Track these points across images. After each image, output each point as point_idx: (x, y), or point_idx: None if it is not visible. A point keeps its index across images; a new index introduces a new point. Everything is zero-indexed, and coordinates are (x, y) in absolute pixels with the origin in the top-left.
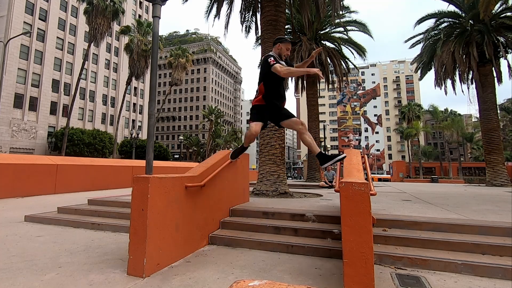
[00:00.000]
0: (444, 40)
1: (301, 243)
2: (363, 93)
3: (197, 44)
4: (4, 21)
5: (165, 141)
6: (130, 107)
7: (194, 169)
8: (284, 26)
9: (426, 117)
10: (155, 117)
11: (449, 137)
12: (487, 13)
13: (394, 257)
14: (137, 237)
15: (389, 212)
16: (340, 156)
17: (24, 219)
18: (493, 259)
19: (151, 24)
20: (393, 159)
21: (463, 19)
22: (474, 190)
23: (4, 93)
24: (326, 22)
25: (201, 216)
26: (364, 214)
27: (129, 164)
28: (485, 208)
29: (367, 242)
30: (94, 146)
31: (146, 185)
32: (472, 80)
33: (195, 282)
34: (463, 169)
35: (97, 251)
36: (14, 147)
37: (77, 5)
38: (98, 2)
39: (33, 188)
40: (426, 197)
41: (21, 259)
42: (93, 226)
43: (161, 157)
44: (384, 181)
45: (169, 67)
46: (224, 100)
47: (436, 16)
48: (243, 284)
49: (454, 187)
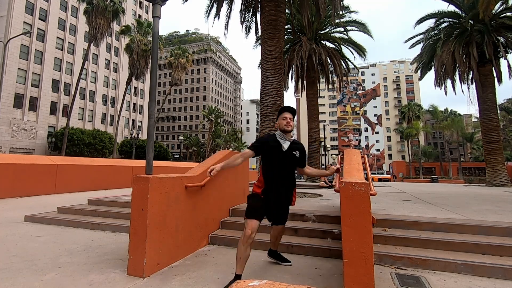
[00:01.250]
0: (444, 40)
1: (301, 243)
2: (363, 93)
3: (197, 44)
4: (4, 21)
5: (165, 141)
6: (130, 107)
7: (194, 169)
8: (284, 26)
9: (426, 117)
10: (155, 117)
11: (449, 137)
12: (487, 13)
13: (394, 257)
14: (137, 237)
15: (389, 212)
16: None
17: (24, 219)
18: (493, 259)
19: (151, 24)
20: (393, 159)
21: (463, 19)
22: (474, 190)
23: (4, 93)
24: (326, 22)
25: (201, 216)
26: (364, 214)
27: (129, 164)
28: (485, 208)
29: (367, 242)
30: (94, 146)
31: (146, 185)
32: (472, 80)
33: (195, 282)
34: (463, 169)
35: (97, 251)
36: (14, 147)
37: (77, 5)
38: (98, 2)
39: (33, 188)
40: (426, 197)
41: (21, 259)
42: (93, 226)
43: (161, 157)
44: (384, 181)
45: (169, 67)
46: (224, 100)
47: (436, 16)
48: (243, 284)
49: (454, 187)
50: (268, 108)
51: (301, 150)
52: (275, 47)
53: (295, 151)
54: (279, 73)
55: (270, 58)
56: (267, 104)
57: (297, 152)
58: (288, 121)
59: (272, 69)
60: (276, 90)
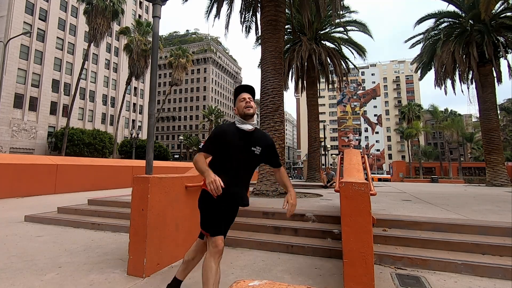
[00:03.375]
0: (444, 40)
1: (301, 243)
2: (363, 93)
3: (197, 44)
4: (4, 21)
5: (165, 141)
6: (130, 107)
7: (194, 169)
8: (284, 26)
9: (426, 117)
10: (155, 117)
11: (449, 137)
12: (488, 13)
13: (394, 257)
14: (137, 237)
15: (389, 212)
16: None
17: (24, 219)
18: (493, 259)
19: (150, 24)
20: (393, 159)
21: (463, 19)
22: (474, 190)
23: (4, 93)
24: (326, 22)
25: None
26: (364, 214)
27: (129, 164)
28: (485, 208)
29: (367, 242)
30: (94, 146)
31: (146, 185)
32: (472, 80)
33: (195, 282)
34: (463, 169)
35: (97, 251)
36: (14, 147)
37: (77, 5)
38: (97, 2)
39: (33, 188)
40: (426, 197)
41: (21, 259)
42: (93, 226)
43: (161, 157)
44: (384, 181)
45: (169, 67)
46: (224, 100)
47: (436, 16)
48: (243, 284)
49: (454, 187)
50: (268, 108)
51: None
52: (275, 47)
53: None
54: (279, 73)
55: (270, 58)
56: (267, 104)
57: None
58: (247, 101)
59: (272, 69)
60: (276, 90)
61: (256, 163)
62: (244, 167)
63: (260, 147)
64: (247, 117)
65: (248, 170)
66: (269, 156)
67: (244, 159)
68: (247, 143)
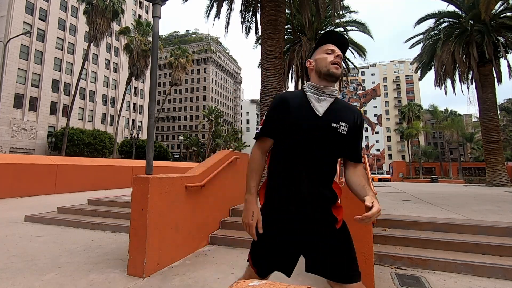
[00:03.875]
0: (444, 40)
1: None
2: (363, 93)
3: (197, 44)
4: (4, 21)
5: (165, 141)
6: (130, 107)
7: (194, 169)
8: (284, 26)
9: (426, 117)
10: (155, 117)
11: (449, 137)
12: (488, 13)
13: (394, 257)
14: (137, 237)
15: (389, 212)
16: None
17: (24, 219)
18: (493, 259)
19: (150, 24)
20: (393, 159)
21: (463, 19)
22: (474, 190)
23: (4, 93)
24: (326, 22)
25: (201, 216)
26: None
27: (129, 164)
28: (485, 208)
29: (367, 242)
30: (94, 146)
31: (146, 185)
32: (472, 80)
33: (195, 282)
34: (463, 169)
35: (97, 251)
36: (14, 147)
37: (77, 5)
38: (97, 2)
39: (33, 188)
40: (426, 197)
41: (21, 259)
42: (93, 226)
43: (161, 157)
44: (384, 181)
45: (169, 67)
46: (224, 100)
47: (436, 16)
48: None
49: (454, 187)
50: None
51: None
52: (275, 47)
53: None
54: (279, 73)
55: (270, 58)
56: (267, 104)
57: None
58: (338, 55)
59: (272, 69)
60: (276, 90)
61: (341, 149)
62: (322, 157)
63: (348, 124)
64: (330, 78)
65: (329, 159)
66: (354, 141)
67: (320, 143)
68: (326, 118)
